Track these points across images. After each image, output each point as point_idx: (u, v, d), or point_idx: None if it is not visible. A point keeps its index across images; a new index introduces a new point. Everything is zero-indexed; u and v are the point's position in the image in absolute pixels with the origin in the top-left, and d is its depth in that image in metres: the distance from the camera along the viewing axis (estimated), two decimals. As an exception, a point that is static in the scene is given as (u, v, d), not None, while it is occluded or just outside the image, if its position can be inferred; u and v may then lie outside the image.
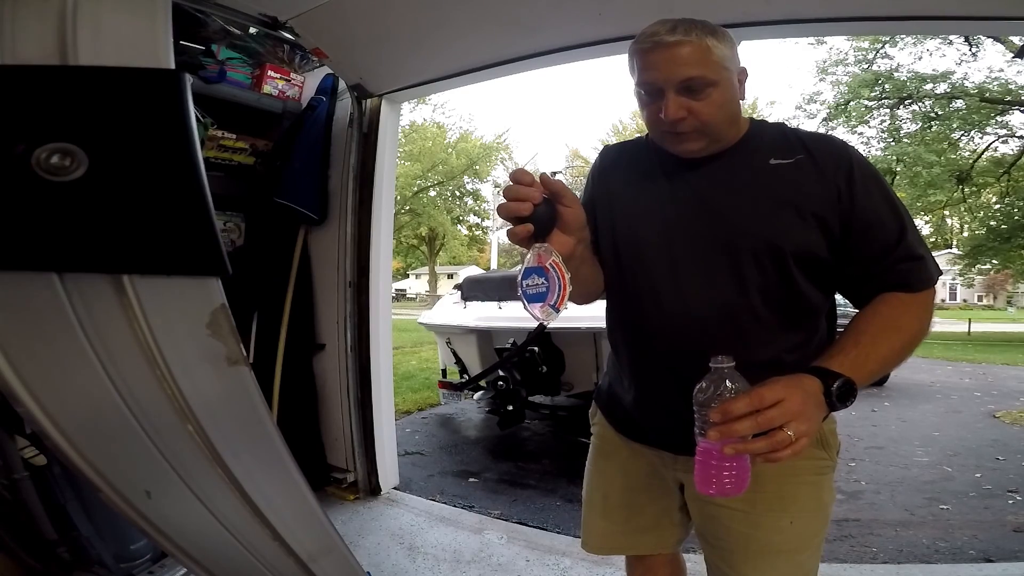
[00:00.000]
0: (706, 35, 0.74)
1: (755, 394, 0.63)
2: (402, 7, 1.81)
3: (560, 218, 0.69)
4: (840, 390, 0.67)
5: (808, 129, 0.85)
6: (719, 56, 0.75)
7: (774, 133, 0.84)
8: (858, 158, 0.79)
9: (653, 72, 0.76)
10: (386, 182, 2.39)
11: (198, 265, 0.68)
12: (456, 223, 26.37)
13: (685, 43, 0.73)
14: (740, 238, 0.78)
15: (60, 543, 1.26)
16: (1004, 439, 3.86)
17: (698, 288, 0.80)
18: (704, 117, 0.76)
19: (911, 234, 0.77)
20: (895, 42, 11.50)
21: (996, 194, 13.03)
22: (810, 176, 0.78)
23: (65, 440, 0.63)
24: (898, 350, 0.74)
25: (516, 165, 23.81)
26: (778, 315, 0.80)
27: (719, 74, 0.75)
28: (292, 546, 0.83)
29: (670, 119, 0.75)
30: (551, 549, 1.99)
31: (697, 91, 0.75)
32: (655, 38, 0.74)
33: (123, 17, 0.65)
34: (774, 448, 0.62)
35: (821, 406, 0.67)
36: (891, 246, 0.76)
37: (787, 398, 0.63)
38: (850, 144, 0.82)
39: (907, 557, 2.06)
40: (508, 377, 3.21)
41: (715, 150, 0.82)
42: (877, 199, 0.77)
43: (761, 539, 0.83)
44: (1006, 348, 10.71)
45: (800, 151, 0.79)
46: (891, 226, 0.77)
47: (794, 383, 0.66)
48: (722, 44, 0.75)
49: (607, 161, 0.96)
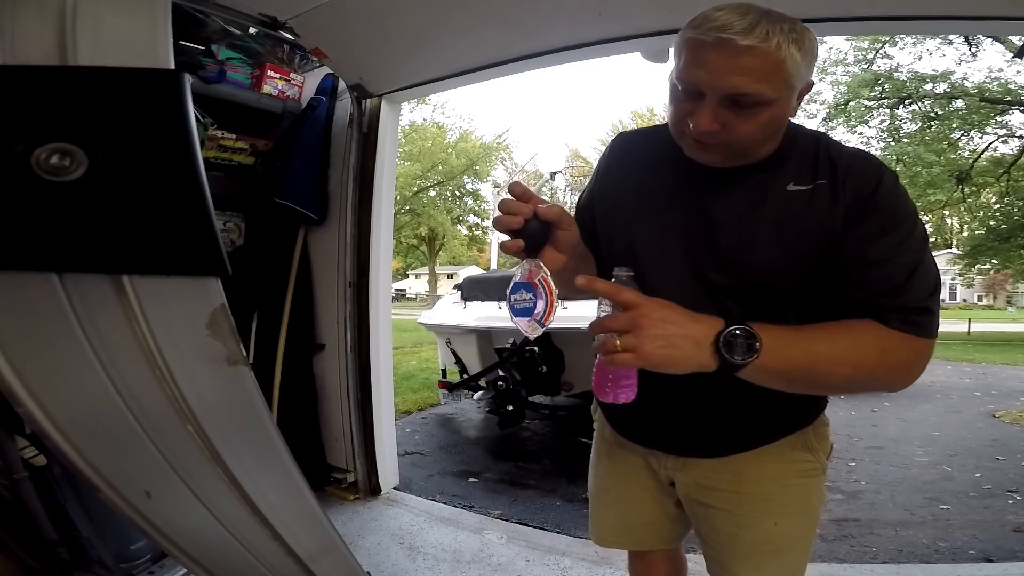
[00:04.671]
0: (788, 43, 0.60)
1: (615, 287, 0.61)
2: (402, 7, 1.80)
3: (554, 237, 0.68)
4: (733, 336, 0.59)
5: (846, 147, 0.73)
6: (790, 71, 0.62)
7: (806, 150, 0.72)
8: (887, 183, 0.67)
9: (701, 73, 0.62)
10: (386, 182, 2.39)
11: (198, 265, 0.68)
12: (456, 223, 26.37)
13: (757, 50, 0.59)
14: (723, 270, 0.73)
15: (60, 543, 1.26)
16: (1004, 439, 3.86)
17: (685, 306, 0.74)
18: (739, 135, 0.65)
19: (919, 282, 0.65)
20: (895, 42, 11.51)
21: (996, 194, 13.02)
22: (822, 205, 0.68)
23: (65, 440, 0.63)
24: (838, 359, 0.63)
25: (516, 165, 23.80)
26: None
27: (780, 92, 0.63)
28: (292, 546, 0.83)
29: (699, 129, 0.65)
30: (551, 549, 1.99)
31: (745, 107, 0.63)
32: (723, 33, 0.59)
33: (123, 17, 0.65)
34: (601, 350, 0.60)
35: (695, 344, 0.59)
36: (887, 292, 0.65)
37: (640, 306, 0.59)
38: (885, 170, 0.69)
39: (907, 557, 2.06)
40: (508, 377, 3.21)
41: (738, 164, 0.72)
42: (888, 233, 0.66)
43: (746, 539, 0.84)
44: (1006, 348, 10.70)
45: (825, 174, 0.69)
46: (896, 269, 0.65)
47: (668, 304, 0.61)
48: (801, 56, 0.62)
49: (615, 156, 0.89)
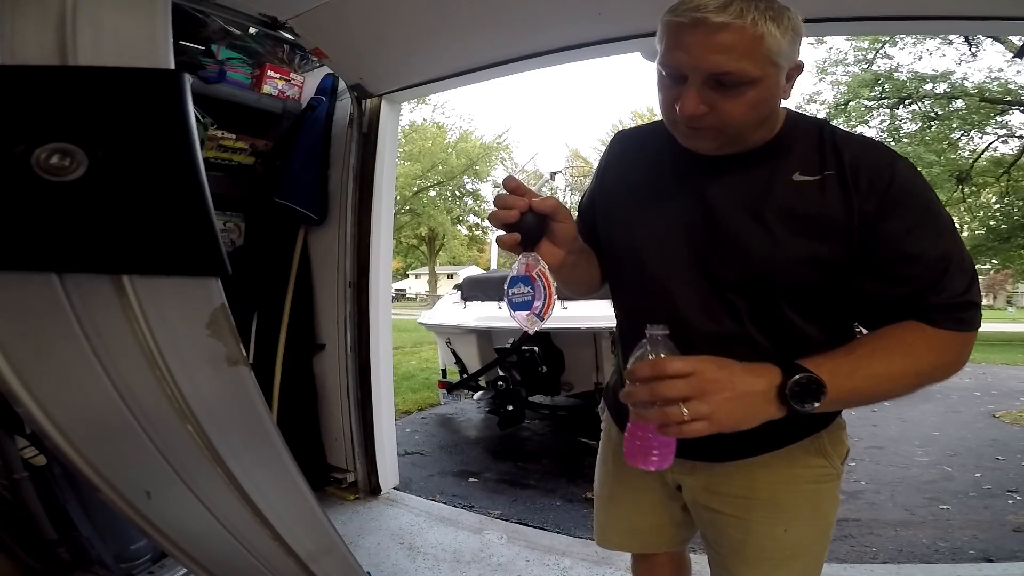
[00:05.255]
0: (765, 20, 0.60)
1: (660, 360, 0.58)
2: (402, 7, 1.81)
3: (551, 230, 0.68)
4: (800, 386, 0.58)
5: (854, 135, 0.72)
6: (771, 48, 0.61)
7: (809, 138, 0.71)
8: (903, 174, 0.66)
9: (681, 55, 0.63)
10: (386, 182, 2.39)
11: (198, 265, 0.68)
12: (456, 223, 26.36)
13: (733, 27, 0.59)
14: (729, 264, 0.71)
15: (60, 543, 1.26)
16: (1004, 439, 3.86)
17: (690, 306, 0.74)
18: (728, 117, 0.65)
19: (956, 274, 0.64)
20: (895, 42, 11.51)
21: (996, 194, 13.01)
22: (834, 198, 0.66)
23: (65, 440, 0.63)
24: (897, 376, 0.64)
25: (516, 165, 23.79)
26: (777, 344, 0.72)
27: (764, 70, 0.62)
28: (292, 546, 0.83)
29: (686, 114, 0.64)
30: (551, 549, 1.99)
31: (729, 87, 0.63)
32: (697, 13, 0.60)
33: (123, 17, 0.65)
34: (662, 420, 0.57)
35: (758, 399, 0.59)
36: (927, 287, 0.64)
37: (699, 372, 0.57)
38: (897, 157, 0.67)
39: (907, 557, 2.06)
40: (508, 377, 3.21)
41: (734, 151, 0.71)
42: (915, 227, 0.64)
43: (755, 545, 0.82)
44: (1006, 348, 10.69)
45: (832, 164, 0.67)
46: (931, 263, 0.64)
47: (724, 363, 0.59)
48: (781, 33, 0.61)
49: (615, 153, 0.88)
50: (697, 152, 0.72)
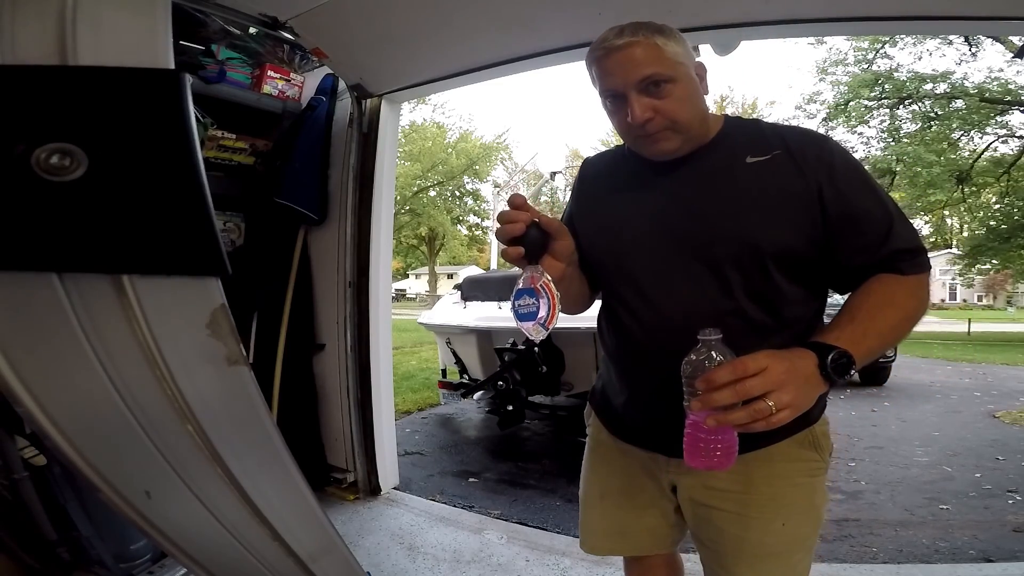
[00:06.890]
0: (653, 34, 0.76)
1: (737, 363, 0.62)
2: (402, 7, 1.81)
3: (552, 246, 0.75)
4: (836, 363, 0.66)
5: (785, 124, 0.87)
6: (671, 53, 0.76)
7: (750, 129, 0.83)
8: (839, 150, 0.80)
9: (611, 77, 0.77)
10: (386, 182, 2.39)
11: (198, 265, 0.68)
12: (456, 223, 26.37)
13: (635, 43, 0.75)
14: (719, 240, 0.78)
15: (60, 543, 1.26)
16: (1004, 439, 3.86)
17: (684, 291, 0.80)
18: (671, 114, 0.76)
19: (900, 224, 0.77)
20: (895, 42, 11.50)
21: (996, 194, 13.01)
22: (788, 172, 0.77)
23: (65, 440, 0.63)
24: (895, 325, 0.73)
25: (516, 165, 23.80)
26: (767, 315, 0.79)
27: (675, 70, 0.76)
28: (292, 546, 0.83)
29: (638, 121, 0.76)
30: (551, 549, 1.99)
31: (658, 87, 0.75)
32: (605, 44, 0.76)
33: (123, 17, 0.65)
34: (753, 418, 0.61)
35: (814, 380, 0.65)
36: (880, 238, 0.76)
37: (770, 367, 0.62)
38: (829, 136, 0.83)
39: (907, 557, 2.07)
40: (508, 377, 3.21)
41: (690, 149, 0.82)
42: (862, 191, 0.77)
43: (754, 541, 0.83)
44: (1006, 348, 10.70)
45: (778, 146, 0.79)
46: (879, 217, 0.76)
47: (781, 354, 0.65)
48: (672, 41, 0.76)
49: (586, 175, 0.97)
50: (662, 158, 0.82)
